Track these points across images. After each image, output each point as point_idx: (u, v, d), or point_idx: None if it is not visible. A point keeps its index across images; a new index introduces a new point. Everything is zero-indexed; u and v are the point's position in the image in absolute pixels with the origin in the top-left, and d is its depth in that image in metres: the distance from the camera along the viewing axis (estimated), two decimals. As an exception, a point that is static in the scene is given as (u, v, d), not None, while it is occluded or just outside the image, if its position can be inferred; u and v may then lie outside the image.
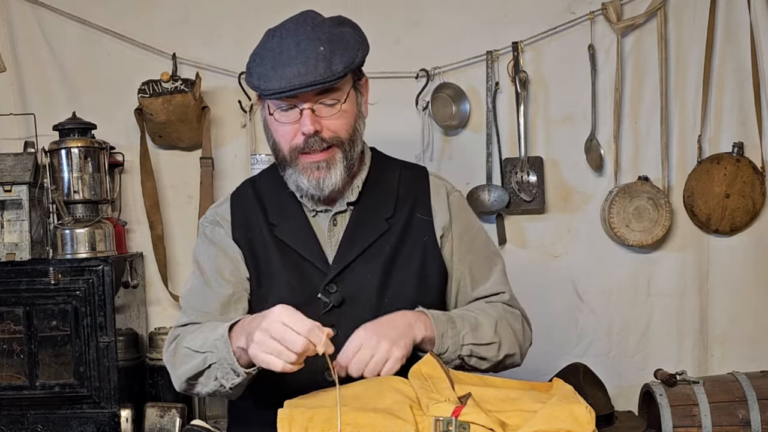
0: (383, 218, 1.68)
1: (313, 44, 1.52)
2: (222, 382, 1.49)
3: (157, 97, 2.63)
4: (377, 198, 1.70)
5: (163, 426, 2.48)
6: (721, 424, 2.53)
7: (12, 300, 2.43)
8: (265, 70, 1.54)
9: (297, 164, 1.60)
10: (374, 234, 1.66)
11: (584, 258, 2.84)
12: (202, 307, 1.66)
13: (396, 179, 1.73)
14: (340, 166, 1.60)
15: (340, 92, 1.57)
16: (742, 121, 2.82)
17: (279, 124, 1.59)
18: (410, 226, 1.68)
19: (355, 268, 1.64)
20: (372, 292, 1.63)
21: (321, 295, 1.62)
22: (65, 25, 2.76)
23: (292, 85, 1.50)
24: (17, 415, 2.45)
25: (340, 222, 1.69)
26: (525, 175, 2.76)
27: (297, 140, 1.58)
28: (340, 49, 1.53)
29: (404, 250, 1.67)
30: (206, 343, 1.50)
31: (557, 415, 1.25)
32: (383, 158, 1.79)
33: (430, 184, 1.75)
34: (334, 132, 1.58)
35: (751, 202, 2.81)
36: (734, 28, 2.79)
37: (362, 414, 1.26)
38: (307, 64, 1.50)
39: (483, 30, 2.78)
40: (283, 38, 1.56)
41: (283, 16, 1.71)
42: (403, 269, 1.66)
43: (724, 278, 2.85)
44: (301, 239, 1.67)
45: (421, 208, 1.70)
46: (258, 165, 2.66)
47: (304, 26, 1.56)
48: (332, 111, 1.57)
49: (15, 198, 2.49)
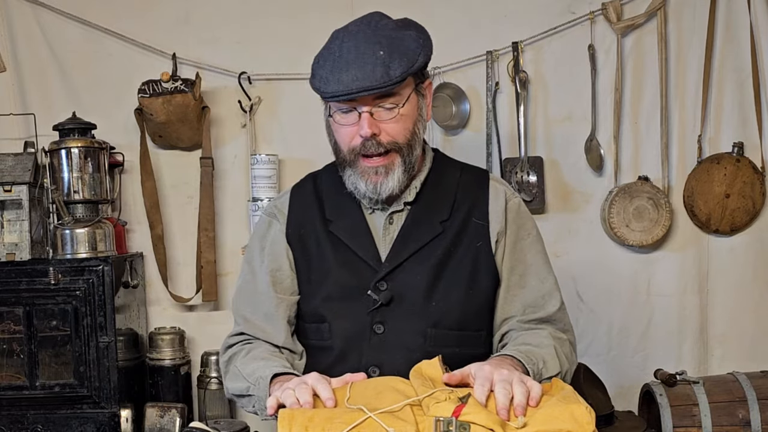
0: (438, 221, 1.67)
1: (372, 48, 1.53)
2: (258, 412, 1.57)
3: (157, 97, 2.63)
4: (435, 200, 1.70)
5: (163, 426, 2.48)
6: (721, 424, 2.53)
7: (12, 300, 2.43)
8: (325, 73, 1.56)
9: (356, 167, 1.62)
10: (428, 235, 1.66)
11: (584, 258, 2.84)
12: (249, 315, 1.72)
13: (455, 181, 1.72)
14: (398, 171, 1.61)
15: (399, 96, 1.57)
16: (742, 121, 2.82)
17: (339, 126, 1.61)
18: (465, 229, 1.67)
19: (407, 268, 1.64)
20: (420, 293, 1.63)
21: (371, 291, 1.62)
22: (65, 25, 2.76)
23: (349, 89, 1.52)
24: (17, 415, 2.45)
25: (396, 221, 1.69)
26: (525, 175, 2.76)
27: (355, 142, 1.60)
28: (399, 54, 1.54)
29: (457, 253, 1.66)
30: (253, 374, 1.57)
31: (557, 415, 1.25)
32: (445, 160, 1.78)
33: (489, 188, 1.72)
34: (392, 136, 1.59)
35: (751, 202, 2.81)
36: (734, 28, 2.79)
37: (362, 414, 1.26)
38: (365, 69, 1.52)
39: (483, 30, 2.78)
40: (344, 41, 1.57)
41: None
42: (453, 272, 1.65)
43: (724, 278, 2.85)
44: (356, 236, 1.68)
45: (477, 212, 1.69)
46: (258, 165, 2.66)
47: (366, 29, 1.58)
48: (391, 115, 1.58)
49: (15, 198, 2.49)
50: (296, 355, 1.71)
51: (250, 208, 2.68)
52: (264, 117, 2.80)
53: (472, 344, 1.67)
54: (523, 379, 1.31)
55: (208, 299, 2.76)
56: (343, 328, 1.65)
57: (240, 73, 2.74)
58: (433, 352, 1.55)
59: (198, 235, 2.77)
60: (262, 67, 2.76)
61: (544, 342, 1.60)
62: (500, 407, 1.26)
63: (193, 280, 2.80)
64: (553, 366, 1.55)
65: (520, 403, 1.26)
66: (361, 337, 1.63)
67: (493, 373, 1.32)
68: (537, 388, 1.30)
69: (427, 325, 1.63)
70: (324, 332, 1.68)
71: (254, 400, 1.56)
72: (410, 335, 1.62)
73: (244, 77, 2.74)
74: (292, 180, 2.76)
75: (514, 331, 1.67)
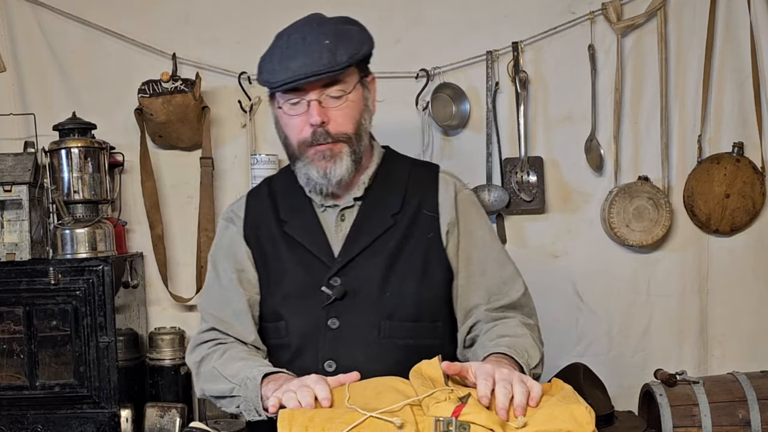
0: (389, 214, 1.70)
1: (319, 38, 1.58)
2: (243, 412, 1.56)
3: (157, 97, 2.63)
4: (384, 194, 1.72)
5: (163, 426, 2.48)
6: (721, 424, 2.53)
7: (12, 300, 2.43)
8: (273, 65, 1.60)
9: (306, 156, 1.65)
10: (380, 229, 1.69)
11: (584, 258, 2.84)
12: (218, 314, 1.74)
13: (405, 176, 1.75)
14: (347, 159, 1.64)
15: (346, 84, 1.61)
16: (742, 121, 2.82)
17: (288, 117, 1.64)
18: (416, 222, 1.70)
19: (359, 262, 1.67)
20: (374, 286, 1.65)
21: (324, 287, 1.65)
22: (65, 25, 2.76)
23: (297, 76, 1.55)
24: (17, 415, 2.45)
25: (348, 217, 1.72)
26: (525, 175, 2.76)
27: (305, 133, 1.62)
28: (344, 42, 1.58)
29: (408, 245, 1.68)
30: (237, 375, 1.57)
31: (557, 415, 1.24)
32: (394, 156, 1.81)
33: (439, 181, 1.75)
34: (340, 125, 1.62)
35: (751, 202, 2.81)
36: (734, 28, 2.79)
37: (362, 414, 1.26)
38: (312, 56, 1.55)
39: (483, 30, 2.78)
40: (290, 35, 1.62)
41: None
42: (406, 264, 1.67)
43: (724, 278, 2.85)
44: (309, 234, 1.71)
45: (427, 204, 1.72)
46: (258, 165, 2.66)
47: (311, 23, 1.63)
48: (339, 102, 1.61)
49: (15, 198, 2.49)
50: (263, 352, 1.74)
51: (250, 208, 2.67)
52: (264, 117, 2.80)
53: (428, 335, 1.69)
54: (523, 379, 1.31)
55: (208, 299, 2.76)
56: (299, 324, 1.68)
57: (240, 73, 2.74)
58: (388, 344, 1.61)
59: (198, 235, 2.77)
60: (262, 67, 2.76)
61: (518, 332, 1.61)
62: (500, 407, 1.26)
63: (193, 280, 2.80)
64: (535, 354, 1.57)
65: (520, 403, 1.26)
66: (317, 333, 1.66)
67: (494, 371, 1.32)
68: (537, 389, 1.30)
69: (381, 317, 1.65)
70: (281, 330, 1.71)
71: (239, 401, 1.56)
72: (365, 328, 1.64)
73: (244, 77, 2.74)
74: (292, 180, 2.80)
75: (482, 322, 1.68)
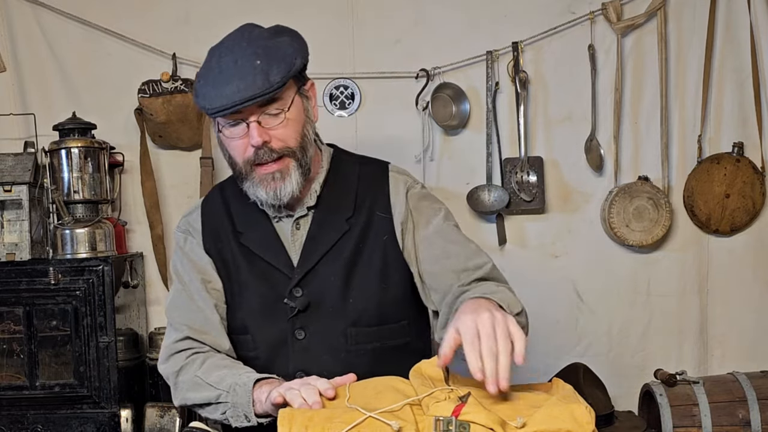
0: (344, 219, 1.69)
1: (250, 60, 1.55)
2: (230, 420, 1.56)
3: (157, 97, 2.63)
4: (337, 199, 1.71)
5: (163, 426, 2.48)
6: (721, 424, 2.53)
7: (12, 300, 2.43)
8: (207, 90, 1.58)
9: (253, 177, 1.63)
10: (335, 235, 1.68)
11: (584, 258, 2.84)
12: (191, 323, 1.71)
13: (355, 178, 1.74)
14: (295, 174, 1.62)
15: (282, 101, 1.58)
16: (742, 121, 2.82)
17: (229, 140, 1.62)
18: (370, 224, 1.69)
19: (319, 271, 1.66)
20: (336, 294, 1.65)
21: (287, 300, 1.65)
22: (65, 25, 2.76)
23: (233, 102, 1.53)
24: (17, 415, 2.45)
25: (303, 226, 1.70)
26: (525, 175, 2.75)
27: (248, 153, 1.60)
28: (276, 60, 1.56)
29: (365, 249, 1.68)
30: (223, 381, 1.56)
31: (557, 415, 1.24)
32: (342, 157, 1.79)
33: (389, 180, 1.74)
34: (283, 141, 1.60)
35: (751, 202, 2.81)
36: (734, 28, 2.79)
37: (362, 414, 1.26)
38: (246, 80, 1.53)
39: (483, 30, 2.78)
40: (221, 56, 1.59)
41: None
42: (364, 269, 1.67)
43: (724, 278, 2.85)
44: (266, 246, 1.70)
45: (380, 205, 1.70)
46: (258, 165, 2.66)
47: (240, 42, 1.59)
48: (277, 120, 1.59)
49: (15, 198, 2.49)
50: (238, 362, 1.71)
51: (250, 208, 2.67)
52: (264, 117, 2.80)
53: (395, 336, 1.69)
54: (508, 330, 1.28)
55: (208, 299, 2.76)
56: (266, 338, 1.67)
57: (240, 73, 2.74)
58: (356, 350, 1.61)
59: (198, 235, 2.77)
60: (262, 67, 2.76)
61: (493, 288, 1.57)
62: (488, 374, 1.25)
63: (193, 280, 2.80)
64: (515, 304, 1.52)
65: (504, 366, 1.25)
66: (284, 345, 1.66)
67: (476, 324, 1.29)
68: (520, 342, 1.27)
69: (347, 324, 1.65)
70: (249, 343, 1.70)
71: (225, 408, 1.56)
72: (331, 337, 1.64)
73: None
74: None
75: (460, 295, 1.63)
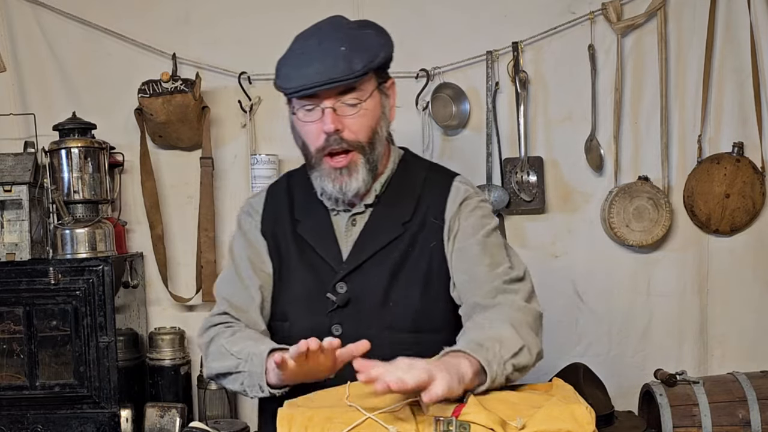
0: (400, 222, 1.68)
1: (334, 44, 1.56)
2: (246, 389, 1.57)
3: (157, 97, 2.63)
4: (397, 201, 1.70)
5: (163, 426, 2.48)
6: (721, 424, 2.53)
7: (12, 300, 2.43)
8: (288, 70, 1.59)
9: (322, 168, 1.64)
10: (388, 237, 1.67)
11: (584, 258, 2.84)
12: (232, 299, 1.73)
13: (420, 183, 1.72)
14: (363, 171, 1.63)
15: (361, 92, 1.59)
16: (742, 121, 2.81)
17: (303, 124, 1.63)
18: (422, 230, 1.67)
19: (366, 269, 1.65)
20: (377, 295, 1.64)
21: (329, 293, 1.64)
22: (65, 25, 2.76)
23: (313, 83, 1.54)
24: (17, 415, 2.45)
25: (359, 222, 1.70)
26: (525, 175, 2.75)
27: (320, 140, 1.61)
28: (360, 50, 1.56)
29: (413, 254, 1.66)
30: (243, 351, 1.57)
31: (557, 415, 1.25)
32: (412, 160, 1.78)
33: (451, 188, 1.71)
34: (354, 133, 1.60)
35: (751, 202, 2.81)
36: (734, 28, 2.79)
37: (362, 414, 1.26)
38: (327, 63, 1.54)
39: (483, 30, 2.78)
40: (306, 39, 1.60)
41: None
42: (409, 274, 1.65)
43: (724, 278, 2.85)
44: (319, 236, 1.70)
45: (435, 212, 1.69)
46: (258, 165, 2.66)
47: (327, 28, 1.62)
48: (353, 110, 1.59)
49: (15, 198, 2.49)
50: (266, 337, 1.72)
51: (250, 208, 2.67)
52: (264, 117, 2.80)
53: (430, 347, 1.58)
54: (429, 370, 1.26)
55: (208, 299, 2.76)
56: (303, 328, 1.66)
57: (240, 73, 2.74)
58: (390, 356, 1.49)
59: (198, 235, 2.77)
60: (262, 67, 2.75)
61: (497, 318, 1.52)
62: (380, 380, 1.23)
63: (193, 280, 2.80)
64: (510, 344, 1.46)
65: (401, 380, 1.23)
66: (320, 338, 1.63)
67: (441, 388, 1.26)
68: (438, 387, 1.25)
69: (383, 327, 1.63)
70: (285, 331, 1.71)
71: (243, 377, 1.56)
72: (367, 337, 1.58)
73: (244, 77, 2.74)
74: (292, 180, 2.79)
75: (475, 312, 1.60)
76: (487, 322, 1.52)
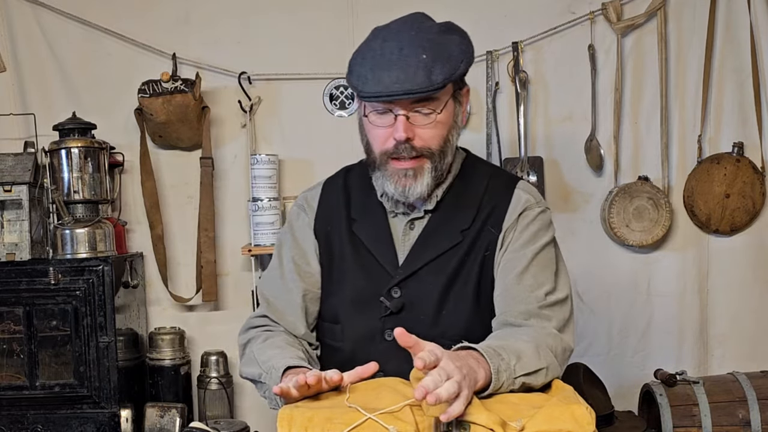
0: (459, 229, 1.63)
1: (416, 51, 1.50)
2: (268, 400, 1.56)
3: (157, 97, 2.63)
4: (456, 208, 1.65)
5: (163, 426, 2.48)
6: (721, 424, 2.53)
7: (12, 300, 2.43)
8: (365, 71, 1.53)
9: (386, 169, 1.59)
10: (446, 244, 1.62)
11: (584, 258, 2.84)
12: (273, 301, 1.70)
13: (481, 190, 1.66)
14: (428, 177, 1.58)
15: (437, 102, 1.54)
16: (742, 121, 2.82)
17: (372, 127, 1.58)
18: (479, 239, 1.62)
19: (421, 276, 1.61)
20: (432, 303, 1.60)
21: (383, 298, 1.61)
22: (65, 25, 2.76)
23: (390, 91, 1.49)
24: (17, 415, 2.45)
25: (417, 227, 1.65)
26: (525, 175, 2.75)
27: (388, 145, 1.56)
28: (442, 59, 1.51)
29: (468, 262, 1.62)
30: (267, 362, 1.53)
31: (557, 415, 1.25)
32: (475, 165, 1.72)
33: (513, 196, 1.65)
34: (426, 141, 1.55)
35: (751, 202, 2.81)
36: (734, 28, 2.79)
37: (362, 414, 1.26)
38: (407, 71, 1.48)
39: (483, 30, 2.77)
40: (386, 40, 1.54)
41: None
42: (464, 283, 1.61)
43: (724, 278, 2.85)
44: (376, 239, 1.66)
45: (494, 220, 1.63)
46: (258, 165, 2.66)
47: (409, 30, 1.54)
48: (427, 120, 1.54)
49: (15, 198, 2.49)
50: (313, 346, 1.70)
51: (250, 208, 2.68)
52: (264, 117, 2.80)
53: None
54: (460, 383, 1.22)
55: (208, 299, 2.76)
56: (355, 331, 1.64)
57: (240, 73, 2.74)
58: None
59: (198, 235, 2.77)
60: (262, 67, 2.76)
61: (524, 337, 1.49)
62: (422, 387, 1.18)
63: (193, 280, 2.81)
64: (529, 362, 1.42)
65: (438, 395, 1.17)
66: (371, 342, 1.61)
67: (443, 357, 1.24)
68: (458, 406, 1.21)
69: (435, 335, 1.55)
70: (337, 333, 1.67)
71: (265, 388, 1.55)
72: None
73: (244, 77, 2.74)
74: (292, 180, 2.80)
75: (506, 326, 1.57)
76: (512, 338, 1.49)
